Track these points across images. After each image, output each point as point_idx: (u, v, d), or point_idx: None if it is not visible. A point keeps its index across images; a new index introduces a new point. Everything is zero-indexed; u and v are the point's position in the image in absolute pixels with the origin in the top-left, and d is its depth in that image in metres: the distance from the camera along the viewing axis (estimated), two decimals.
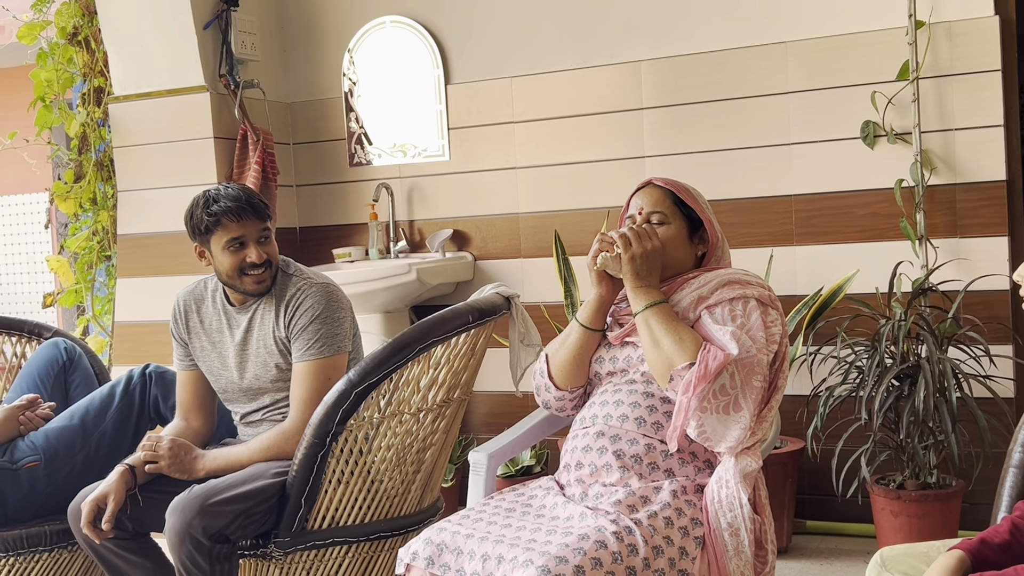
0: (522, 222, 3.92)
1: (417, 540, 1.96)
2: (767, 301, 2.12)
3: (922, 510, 2.99)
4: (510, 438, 2.38)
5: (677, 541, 1.91)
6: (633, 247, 2.11)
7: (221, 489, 2.30)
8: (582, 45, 3.76)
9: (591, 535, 1.85)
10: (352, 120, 4.19)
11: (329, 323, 2.50)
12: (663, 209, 2.19)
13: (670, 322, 2.05)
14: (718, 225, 2.25)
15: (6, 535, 2.59)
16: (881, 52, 3.29)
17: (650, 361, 2.07)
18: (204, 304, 2.66)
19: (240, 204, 2.50)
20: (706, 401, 1.95)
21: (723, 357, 1.95)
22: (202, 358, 2.65)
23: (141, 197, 4.11)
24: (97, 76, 4.24)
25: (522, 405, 3.38)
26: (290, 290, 2.54)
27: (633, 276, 2.11)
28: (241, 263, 2.50)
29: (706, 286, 2.13)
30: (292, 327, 2.50)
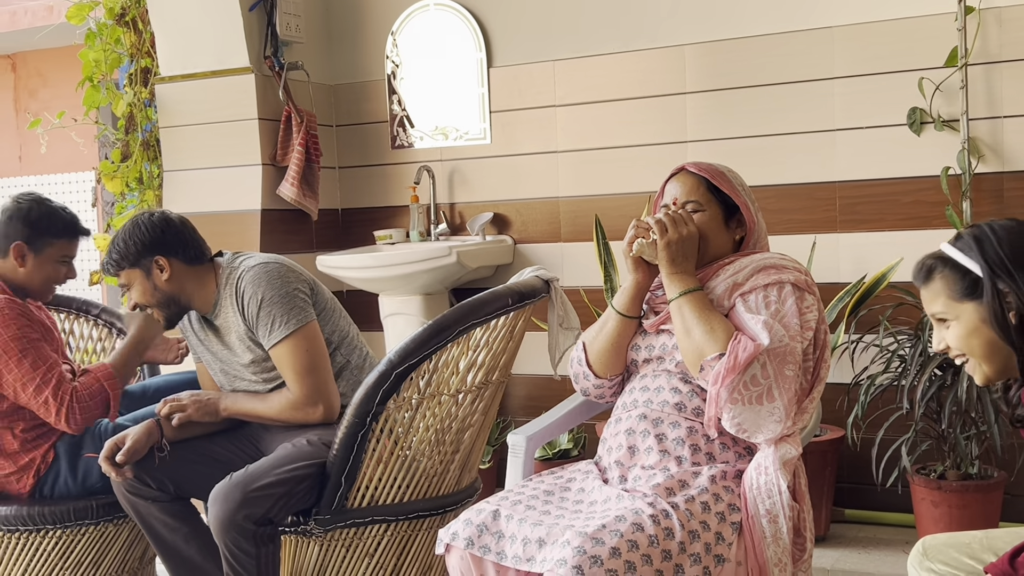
0: (562, 206, 3.92)
1: (457, 521, 1.98)
2: (803, 286, 2.09)
3: (963, 500, 2.96)
4: (549, 421, 2.39)
5: (714, 526, 1.91)
6: (669, 233, 2.09)
7: (261, 475, 2.33)
8: (625, 29, 3.74)
9: (628, 517, 1.86)
10: (394, 103, 4.21)
11: (277, 301, 2.48)
12: (697, 197, 2.17)
13: (703, 311, 2.03)
14: (756, 207, 2.22)
15: (54, 508, 2.65)
16: (929, 38, 3.25)
17: (682, 349, 2.06)
18: (191, 320, 2.69)
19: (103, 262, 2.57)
20: (736, 392, 1.94)
21: (753, 348, 1.94)
22: (200, 356, 2.71)
23: (186, 177, 4.16)
24: (144, 57, 4.28)
25: (559, 388, 3.38)
26: (232, 283, 2.54)
27: (669, 262, 2.09)
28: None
29: (741, 272, 2.11)
30: (247, 319, 2.51)
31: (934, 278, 1.69)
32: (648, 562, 1.81)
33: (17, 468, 2.68)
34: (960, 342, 1.68)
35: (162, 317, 2.58)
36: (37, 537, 2.68)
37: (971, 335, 1.66)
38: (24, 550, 2.70)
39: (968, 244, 1.67)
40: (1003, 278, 1.62)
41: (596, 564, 1.77)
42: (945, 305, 1.67)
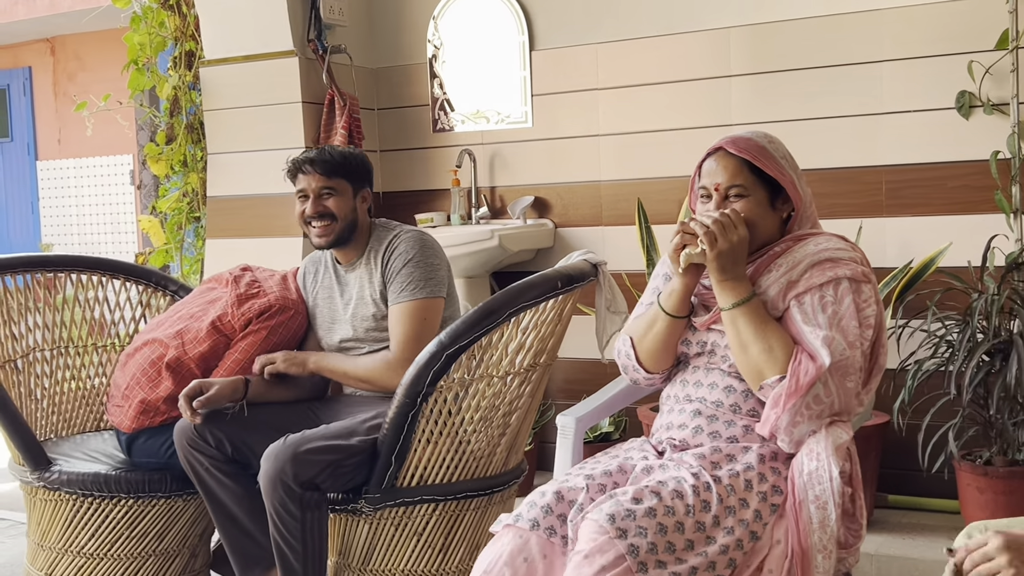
0: (604, 190, 3.91)
1: (522, 505, 1.95)
2: (860, 278, 2.01)
3: (1009, 487, 2.95)
4: (597, 402, 2.40)
5: (753, 504, 1.90)
6: (719, 243, 1.97)
7: (313, 438, 2.38)
8: (669, 11, 3.73)
9: (669, 483, 1.87)
10: (436, 86, 4.22)
11: (422, 267, 2.63)
12: (740, 181, 2.04)
13: (759, 324, 1.96)
14: (799, 177, 2.10)
15: (130, 476, 2.71)
16: (979, 20, 3.21)
17: (739, 365, 2.00)
18: (320, 266, 2.84)
19: (310, 157, 2.68)
20: (799, 415, 1.91)
21: (815, 371, 1.88)
22: (316, 316, 2.81)
23: (230, 160, 4.19)
24: (188, 40, 4.32)
25: (601, 372, 3.40)
26: (386, 240, 2.69)
27: (719, 271, 1.99)
28: (301, 214, 2.68)
29: (796, 268, 2.01)
30: (388, 272, 2.65)
31: None
32: (680, 529, 1.82)
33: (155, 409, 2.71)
34: None
35: (334, 236, 2.67)
36: (109, 504, 2.73)
37: None
38: (95, 515, 2.75)
39: None
40: None
41: (629, 518, 1.79)
42: None
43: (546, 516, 1.91)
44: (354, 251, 2.74)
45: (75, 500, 2.74)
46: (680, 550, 1.81)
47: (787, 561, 1.90)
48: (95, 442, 2.96)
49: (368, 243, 2.73)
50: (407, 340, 2.59)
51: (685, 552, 1.81)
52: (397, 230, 2.72)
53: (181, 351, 2.73)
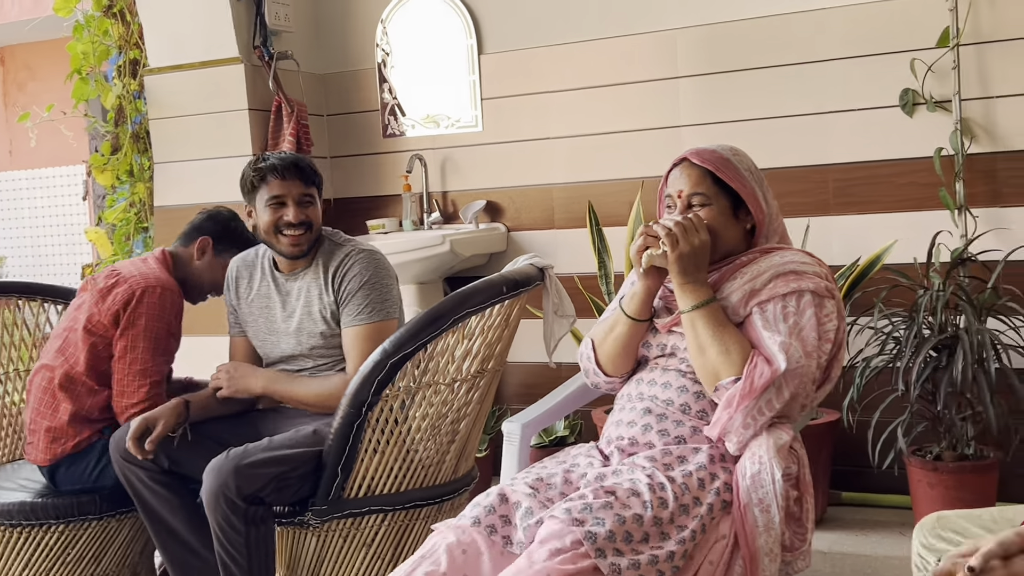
0: (555, 193, 3.90)
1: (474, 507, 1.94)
2: (823, 292, 2.03)
3: (959, 481, 2.97)
4: (544, 408, 2.39)
5: (706, 502, 1.91)
6: (680, 245, 1.99)
7: (256, 451, 2.35)
8: (616, 13, 3.73)
9: (624, 484, 1.87)
10: (385, 91, 4.19)
11: (378, 288, 2.57)
12: (703, 190, 2.08)
13: (717, 327, 1.97)
14: (766, 194, 2.14)
15: (58, 502, 2.64)
16: (921, 19, 3.24)
17: (696, 366, 2.01)
18: (255, 271, 2.74)
19: (286, 164, 2.59)
20: (750, 417, 1.92)
21: (770, 374, 1.90)
22: (250, 323, 2.72)
23: (177, 169, 4.14)
24: (133, 48, 4.26)
25: (555, 376, 3.38)
26: (337, 257, 2.60)
27: (680, 273, 2.01)
28: (278, 221, 2.57)
29: (759, 277, 2.03)
30: (341, 293, 2.57)
31: None
32: (638, 522, 1.81)
33: (63, 434, 2.66)
34: None
35: (307, 246, 2.61)
36: (40, 532, 2.67)
37: None
38: (26, 544, 2.68)
39: None
40: None
41: (587, 510, 1.79)
42: None
43: (488, 515, 1.91)
44: (301, 260, 2.67)
45: (3, 531, 2.68)
46: (637, 542, 1.80)
47: (729, 557, 1.89)
48: (26, 470, 2.89)
49: (316, 254, 2.65)
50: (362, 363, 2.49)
51: (642, 544, 1.80)
52: (348, 247, 2.62)
53: (67, 366, 2.68)
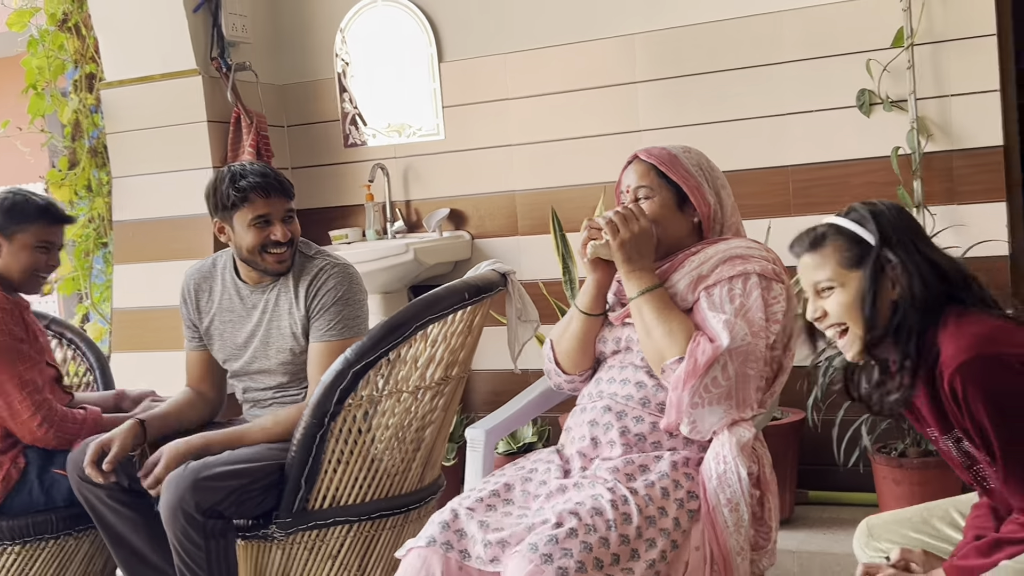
0: (519, 199, 3.90)
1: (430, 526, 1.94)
2: (770, 275, 2.05)
3: (924, 477, 2.99)
4: (507, 413, 2.38)
5: (672, 512, 1.91)
6: (621, 233, 2.05)
7: (215, 464, 2.31)
8: (575, 20, 3.73)
9: (587, 502, 1.86)
10: (346, 101, 4.17)
11: (351, 305, 2.52)
12: (647, 183, 2.14)
13: (661, 311, 2.01)
14: (719, 191, 2.17)
15: (12, 523, 2.60)
16: (875, 19, 3.26)
17: (644, 350, 2.04)
18: (214, 283, 2.66)
19: (268, 180, 2.51)
20: (697, 396, 1.93)
21: (712, 350, 1.92)
22: (215, 338, 2.65)
23: (136, 183, 4.10)
24: (88, 62, 4.22)
25: (523, 382, 3.36)
26: (311, 271, 2.54)
27: (624, 261, 2.06)
28: (264, 240, 2.50)
29: (706, 263, 2.06)
30: (312, 307, 2.51)
31: (825, 245, 1.75)
32: (605, 544, 1.81)
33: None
34: (842, 310, 1.73)
35: (290, 262, 2.55)
36: None
37: (856, 303, 1.71)
38: None
39: (864, 217, 1.74)
40: (893, 250, 1.70)
41: (552, 542, 1.77)
42: (834, 272, 1.73)
43: (443, 531, 1.90)
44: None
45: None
46: (608, 565, 1.80)
47: (707, 566, 1.90)
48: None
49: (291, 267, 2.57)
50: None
51: (612, 567, 1.81)
52: (321, 261, 2.56)
53: None
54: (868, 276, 1.70)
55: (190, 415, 2.65)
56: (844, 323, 1.74)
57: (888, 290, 1.70)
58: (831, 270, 1.73)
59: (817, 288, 1.76)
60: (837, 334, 1.76)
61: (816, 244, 1.76)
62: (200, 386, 2.72)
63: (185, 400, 2.68)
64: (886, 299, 1.70)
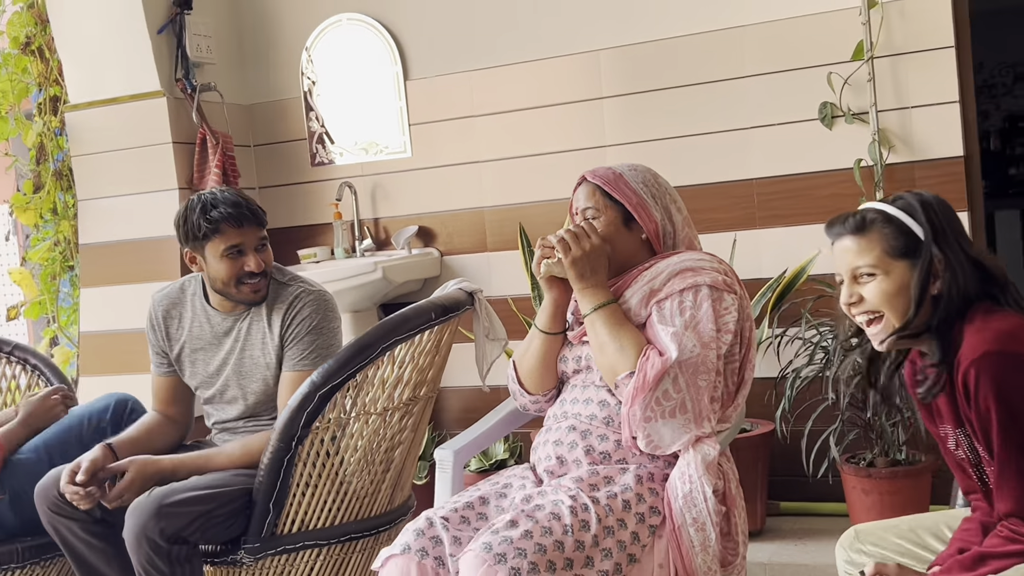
0: (487, 216, 3.91)
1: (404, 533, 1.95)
2: (721, 286, 2.06)
3: (893, 487, 3.01)
4: (476, 433, 2.38)
5: (631, 525, 1.91)
6: (572, 250, 2.07)
7: (181, 490, 2.29)
8: (540, 36, 3.75)
9: (547, 507, 1.87)
10: (312, 120, 4.17)
11: (325, 334, 2.50)
12: (593, 204, 2.17)
13: (614, 326, 2.03)
14: (668, 207, 2.19)
15: None
16: (836, 33, 3.30)
17: (598, 366, 2.06)
18: (184, 310, 2.62)
19: (241, 210, 2.46)
20: (649, 409, 1.94)
21: (661, 363, 1.93)
22: (185, 365, 2.62)
23: (102, 205, 4.07)
24: (53, 85, 4.19)
25: (494, 399, 3.37)
26: (286, 298, 2.51)
27: (577, 278, 2.08)
28: (239, 271, 2.46)
29: (658, 278, 2.09)
30: (287, 335, 2.48)
31: (871, 231, 1.71)
32: (560, 548, 1.81)
33: None
34: (882, 298, 1.71)
35: (265, 291, 2.51)
36: None
37: (898, 293, 1.69)
38: None
39: (913, 207, 1.71)
40: (939, 245, 1.68)
41: (506, 542, 1.78)
42: (878, 259, 1.70)
43: (417, 539, 1.92)
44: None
45: None
46: (560, 569, 1.80)
47: None
48: None
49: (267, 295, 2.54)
50: None
51: (565, 571, 1.81)
52: (295, 288, 2.53)
53: None
54: (921, 269, 1.68)
55: (159, 438, 2.63)
56: (880, 311, 1.72)
57: (930, 284, 1.69)
58: (875, 257, 1.70)
59: (856, 273, 1.73)
60: (867, 322, 1.75)
61: (861, 229, 1.73)
62: (168, 410, 2.70)
63: (154, 423, 2.66)
64: (928, 293, 1.69)
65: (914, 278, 1.68)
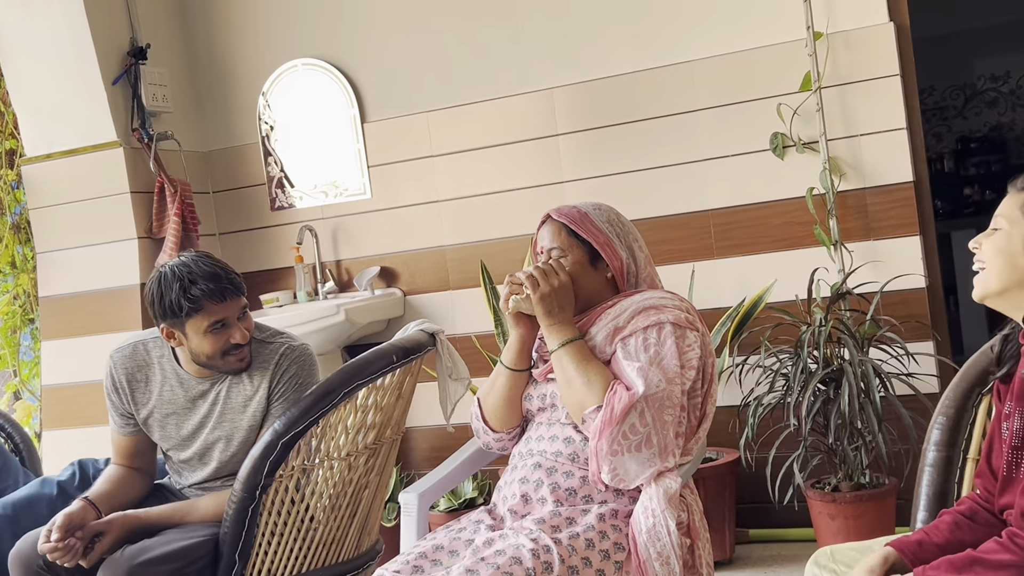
0: (448, 254, 3.93)
1: None
2: (684, 324, 2.08)
3: (858, 511, 3.03)
4: (441, 475, 2.37)
5: (595, 563, 1.92)
6: (541, 287, 2.09)
7: (153, 547, 2.26)
8: (494, 75, 3.79)
9: (508, 551, 1.86)
10: (271, 164, 4.18)
11: (308, 389, 2.42)
12: (558, 244, 2.18)
13: (581, 362, 2.04)
14: (631, 245, 2.21)
15: None
16: (783, 65, 3.36)
17: (565, 402, 2.07)
18: (151, 373, 2.52)
19: (222, 284, 2.34)
20: (616, 443, 1.95)
21: (628, 398, 1.95)
22: (154, 429, 2.53)
23: (61, 257, 4.05)
24: (8, 138, 4.18)
25: (464, 437, 3.37)
26: (270, 357, 2.45)
27: (545, 314, 2.09)
28: (225, 345, 2.37)
29: (622, 315, 2.10)
30: (275, 393, 2.43)
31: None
32: None
33: None
34: (993, 250, 1.68)
35: (250, 354, 2.43)
36: None
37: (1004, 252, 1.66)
38: None
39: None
40: None
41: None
42: (1011, 212, 1.67)
43: None
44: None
45: None
46: None
47: None
48: None
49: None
50: None
51: None
52: (276, 345, 2.46)
53: None
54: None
55: (131, 489, 2.56)
56: (984, 263, 1.69)
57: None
58: (1007, 208, 1.68)
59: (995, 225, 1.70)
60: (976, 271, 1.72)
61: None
62: (132, 463, 2.64)
63: (123, 475, 2.57)
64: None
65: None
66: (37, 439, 4.09)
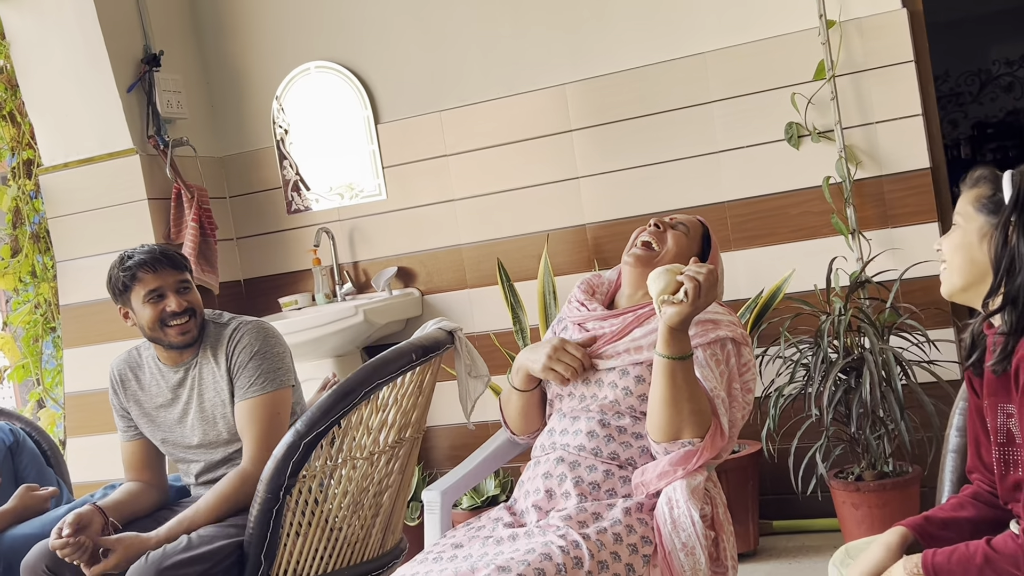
0: (465, 253, 3.93)
1: None
2: (741, 340, 2.11)
3: (882, 499, 3.02)
4: (463, 472, 2.38)
5: (624, 557, 1.92)
6: (701, 300, 1.94)
7: (176, 553, 2.27)
8: (506, 74, 3.79)
9: (537, 548, 1.86)
10: (287, 168, 4.19)
11: (269, 358, 2.53)
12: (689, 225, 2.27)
13: (695, 384, 1.98)
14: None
15: None
16: (797, 54, 3.35)
17: (660, 415, 1.99)
18: (142, 371, 2.67)
19: (154, 255, 2.54)
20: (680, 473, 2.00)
21: (722, 443, 2.01)
22: (147, 425, 2.65)
23: (80, 265, 4.08)
24: (25, 149, 4.21)
25: (483, 435, 3.37)
26: (224, 336, 2.57)
27: (682, 324, 1.96)
28: (161, 314, 2.52)
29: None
30: (233, 367, 2.53)
31: (978, 185, 1.70)
32: None
33: None
34: (952, 247, 1.71)
35: (196, 332, 2.56)
36: None
37: (962, 248, 1.69)
38: None
39: (1020, 173, 1.69)
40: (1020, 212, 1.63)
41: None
42: (964, 209, 1.70)
43: None
44: (188, 350, 2.58)
45: None
46: None
47: None
48: None
49: (201, 341, 2.59)
50: (261, 438, 2.46)
51: None
52: (234, 323, 2.59)
53: None
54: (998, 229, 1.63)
55: (143, 502, 2.62)
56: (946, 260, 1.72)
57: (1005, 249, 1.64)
58: (965, 206, 1.70)
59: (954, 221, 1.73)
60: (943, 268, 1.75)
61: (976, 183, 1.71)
62: (141, 476, 2.69)
63: (134, 488, 2.63)
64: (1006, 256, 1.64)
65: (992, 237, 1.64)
66: (62, 446, 4.12)
